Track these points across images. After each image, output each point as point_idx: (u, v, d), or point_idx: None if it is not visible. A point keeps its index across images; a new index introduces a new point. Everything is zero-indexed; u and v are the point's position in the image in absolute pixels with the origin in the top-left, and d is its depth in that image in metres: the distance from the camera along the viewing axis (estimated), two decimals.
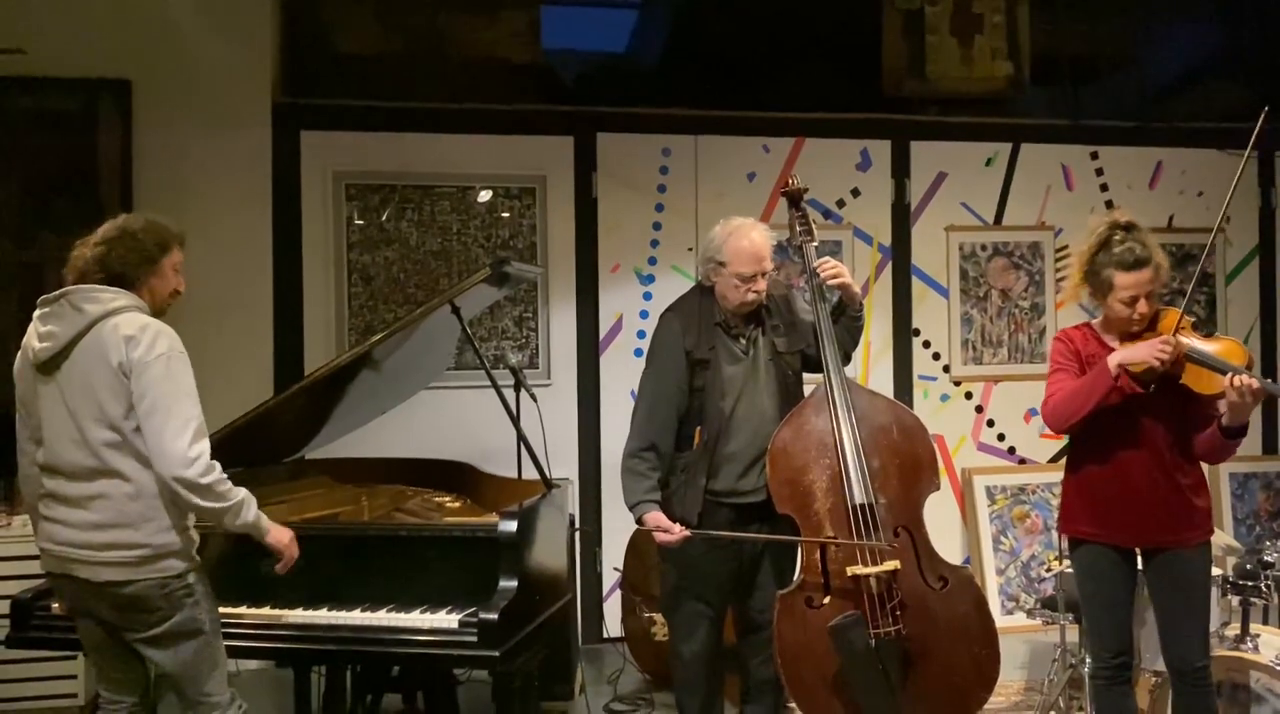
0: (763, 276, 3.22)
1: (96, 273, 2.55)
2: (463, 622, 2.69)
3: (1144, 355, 2.79)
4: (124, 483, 2.49)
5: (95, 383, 2.48)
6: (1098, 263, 2.91)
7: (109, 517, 2.49)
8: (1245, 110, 5.59)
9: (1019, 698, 4.15)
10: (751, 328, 3.32)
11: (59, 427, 2.53)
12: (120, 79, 4.54)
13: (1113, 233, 2.91)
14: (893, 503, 3.15)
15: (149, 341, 2.47)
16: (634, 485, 3.22)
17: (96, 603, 2.55)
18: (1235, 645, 3.16)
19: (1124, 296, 2.87)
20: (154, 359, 2.46)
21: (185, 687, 2.59)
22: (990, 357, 5.39)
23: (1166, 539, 2.90)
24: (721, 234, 3.26)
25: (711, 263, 3.27)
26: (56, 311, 2.54)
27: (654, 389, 3.30)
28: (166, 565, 2.52)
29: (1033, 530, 5.27)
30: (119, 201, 4.53)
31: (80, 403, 2.50)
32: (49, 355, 2.52)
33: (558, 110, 5.09)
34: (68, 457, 2.52)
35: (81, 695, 3.86)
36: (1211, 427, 2.86)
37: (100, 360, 2.48)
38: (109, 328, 2.49)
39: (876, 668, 2.99)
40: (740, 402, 3.26)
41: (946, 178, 5.34)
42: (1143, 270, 2.85)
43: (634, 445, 3.27)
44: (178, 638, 2.54)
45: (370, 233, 4.87)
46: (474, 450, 3.89)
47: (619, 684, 4.33)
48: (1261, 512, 5.51)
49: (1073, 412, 2.90)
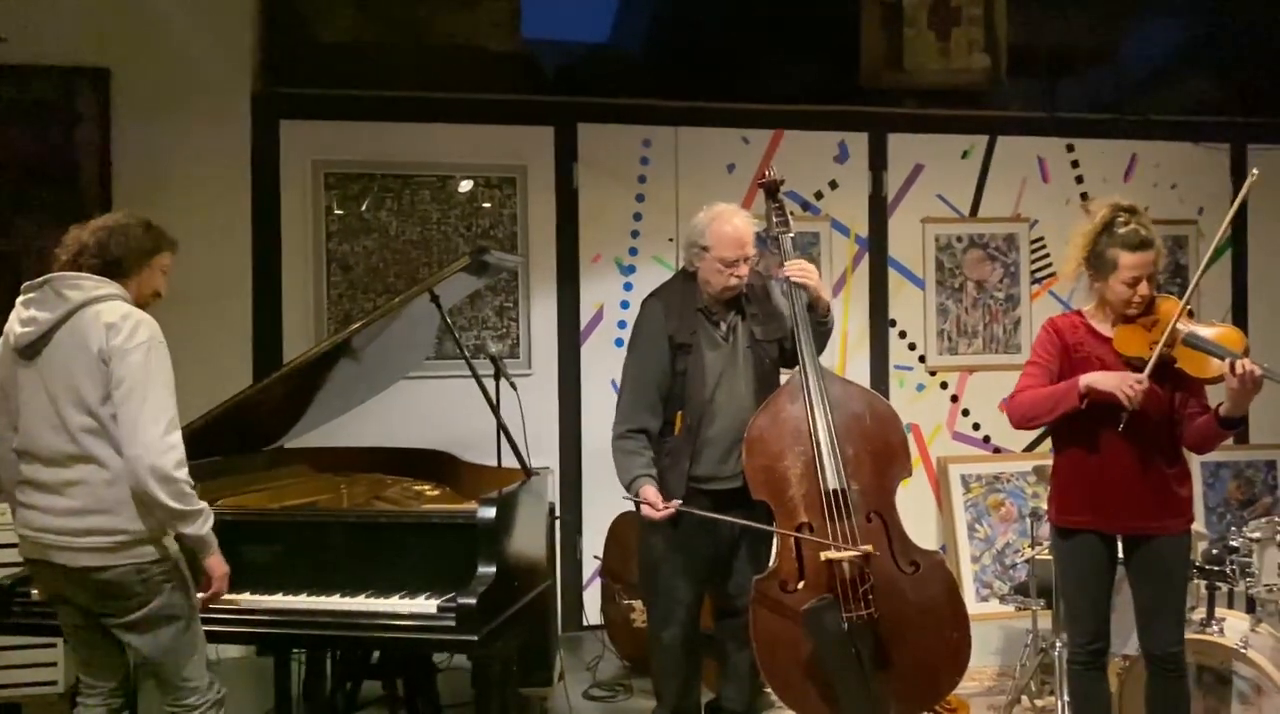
0: (745, 262, 3.26)
1: (94, 256, 2.56)
2: (441, 607, 2.72)
3: (1112, 386, 2.81)
4: (101, 469, 2.50)
5: (75, 369, 2.49)
6: (1101, 244, 2.93)
7: (86, 503, 2.50)
8: (1219, 104, 5.71)
9: (992, 683, 4.21)
10: (732, 315, 3.36)
11: (38, 412, 2.53)
12: (99, 68, 4.53)
13: (1116, 214, 2.94)
14: (865, 489, 3.20)
15: (130, 329, 2.48)
16: (628, 462, 3.26)
17: (75, 589, 2.56)
18: (1201, 629, 3.22)
19: (1127, 277, 2.88)
20: (134, 347, 2.47)
21: (164, 672, 2.61)
22: (965, 347, 5.45)
23: (1149, 526, 2.93)
24: (705, 219, 3.29)
25: (695, 247, 3.30)
26: (39, 297, 2.55)
27: (638, 373, 3.33)
28: (144, 551, 2.52)
29: (1007, 518, 5.33)
30: (98, 190, 4.52)
31: (60, 388, 2.50)
32: (30, 340, 2.53)
33: (538, 100, 5.10)
34: (45, 442, 2.52)
35: (61, 683, 3.86)
36: (1206, 416, 2.89)
37: (81, 346, 2.49)
38: (91, 315, 2.50)
39: (850, 651, 3.04)
40: (720, 387, 3.31)
41: (923, 170, 5.38)
42: (1148, 251, 2.89)
43: (622, 427, 3.31)
44: (156, 623, 2.56)
45: (350, 222, 4.87)
46: (454, 440, 3.91)
47: (598, 670, 4.37)
48: (1232, 500, 5.59)
49: (1034, 416, 2.96)
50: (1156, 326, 2.90)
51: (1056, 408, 2.91)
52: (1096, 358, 2.95)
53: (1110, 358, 2.93)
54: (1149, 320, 2.92)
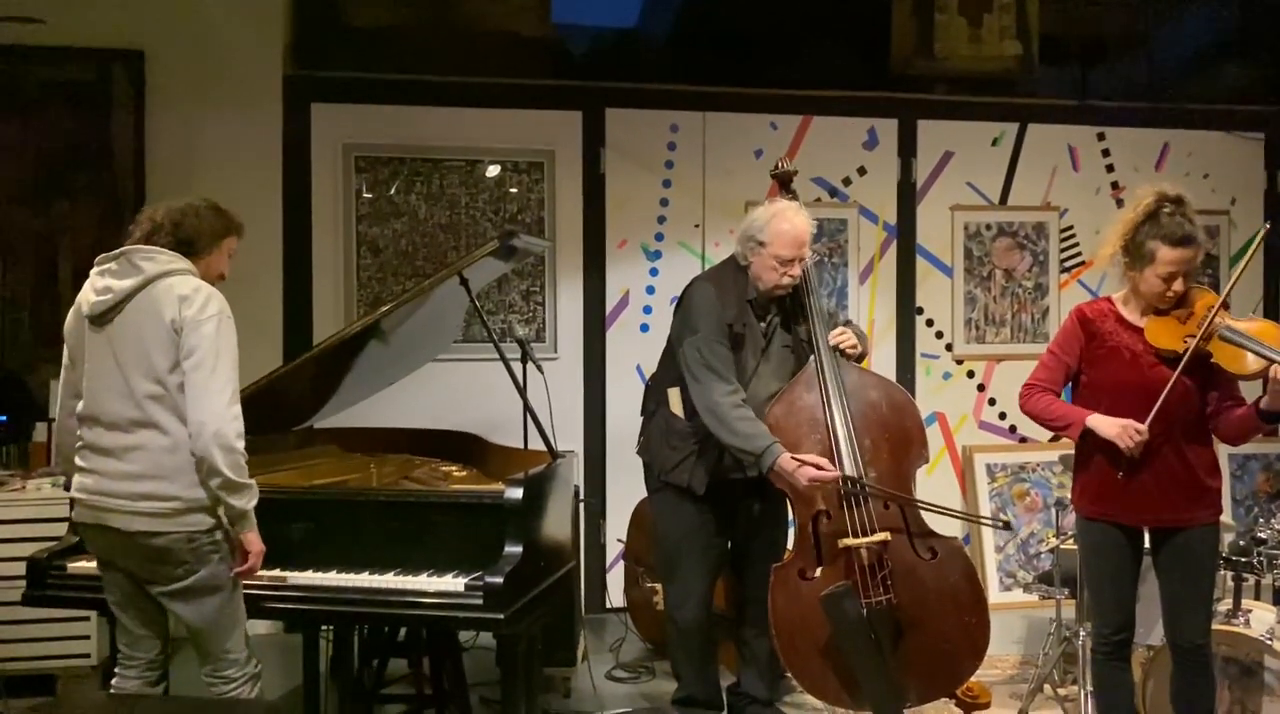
0: (800, 262, 3.26)
1: (168, 234, 2.66)
2: (469, 585, 2.75)
3: (1113, 435, 2.83)
4: (162, 435, 2.57)
5: (146, 336, 2.57)
6: (1142, 234, 2.83)
7: (145, 468, 2.56)
8: (1254, 93, 5.64)
9: (1014, 671, 4.22)
10: (773, 313, 3.37)
11: (104, 378, 2.61)
12: (134, 50, 4.58)
13: (1161, 205, 2.84)
14: (883, 476, 3.21)
15: (202, 302, 2.58)
16: (753, 428, 3.13)
17: (126, 554, 2.62)
18: (1227, 620, 3.21)
19: (1163, 272, 2.81)
20: (206, 318, 2.56)
21: (207, 641, 2.66)
22: (993, 336, 5.43)
23: (1177, 519, 2.90)
24: (765, 215, 3.28)
25: (752, 242, 3.29)
26: (116, 268, 2.63)
27: (716, 343, 3.23)
28: (197, 520, 2.58)
29: (1032, 508, 5.32)
30: (132, 171, 4.58)
31: (129, 356, 2.58)
32: (103, 308, 2.61)
33: (567, 85, 5.11)
34: (110, 407, 2.59)
35: (94, 655, 3.94)
36: (1245, 408, 2.85)
37: (153, 315, 2.57)
38: (164, 286, 2.59)
39: (869, 636, 3.06)
40: (754, 380, 3.32)
41: (953, 157, 5.35)
42: (1188, 247, 2.79)
43: (723, 387, 3.18)
44: (202, 592, 2.61)
45: (379, 205, 4.91)
46: (481, 422, 3.94)
47: (620, 652, 4.41)
48: (1260, 493, 5.55)
49: (1040, 422, 3.04)
50: (1191, 319, 2.85)
51: (1058, 428, 2.98)
52: (1126, 348, 2.92)
53: (1140, 348, 2.89)
54: (1183, 313, 2.86)
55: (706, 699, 3.52)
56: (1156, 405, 2.80)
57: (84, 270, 2.75)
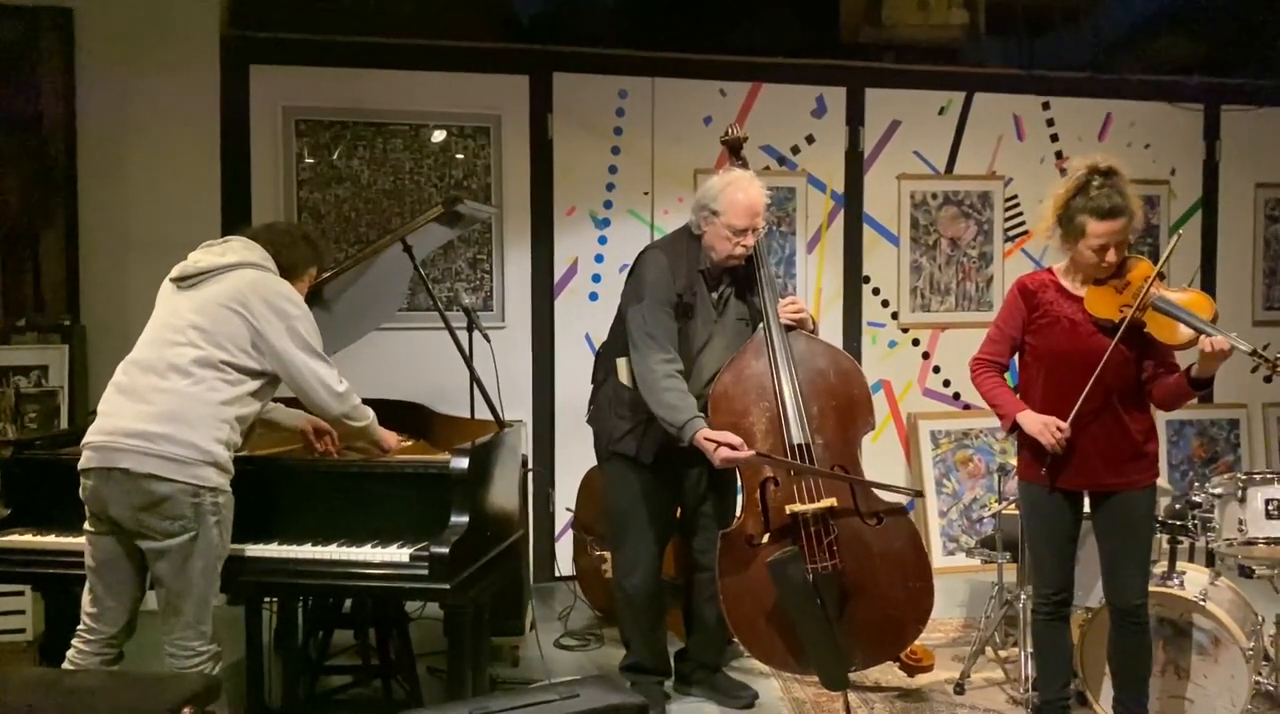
0: (754, 232, 3.24)
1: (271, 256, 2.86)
2: (414, 555, 2.72)
3: (1036, 432, 2.92)
4: (196, 385, 2.62)
5: (220, 304, 2.68)
6: (1073, 207, 2.88)
7: (171, 409, 2.59)
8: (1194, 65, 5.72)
9: (957, 634, 4.29)
10: (725, 284, 3.36)
11: (168, 325, 2.69)
12: (62, 7, 4.42)
13: (1091, 178, 2.87)
14: (830, 442, 3.24)
15: (289, 294, 2.76)
16: (682, 402, 3.13)
17: (123, 502, 2.57)
18: (1162, 582, 3.29)
19: (1094, 243, 2.85)
20: (294, 309, 2.74)
21: (180, 606, 2.61)
22: (938, 304, 5.48)
23: (1116, 482, 2.96)
24: (719, 184, 3.26)
25: (705, 211, 3.27)
26: (218, 248, 2.80)
27: (661, 312, 3.22)
28: (205, 474, 2.58)
29: (975, 474, 5.40)
30: (62, 135, 4.43)
31: (197, 315, 2.68)
32: (194, 272, 2.74)
33: (514, 48, 5.04)
34: (156, 351, 2.67)
35: (29, 631, 3.86)
36: (1176, 376, 2.92)
37: (235, 293, 2.69)
38: (254, 273, 2.75)
39: (815, 601, 3.08)
40: (705, 350, 3.32)
41: (900, 126, 5.37)
42: (1116, 219, 2.83)
43: (659, 356, 3.18)
44: (189, 554, 2.58)
45: (321, 170, 4.81)
46: (427, 391, 3.90)
47: (569, 620, 4.42)
48: (1195, 458, 5.69)
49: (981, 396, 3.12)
50: (1128, 289, 2.90)
51: (996, 412, 3.05)
52: (1066, 318, 2.96)
53: (1080, 317, 2.94)
54: (1120, 282, 2.92)
55: (654, 666, 3.54)
56: (1095, 373, 2.85)
57: (15, 234, 2.68)
